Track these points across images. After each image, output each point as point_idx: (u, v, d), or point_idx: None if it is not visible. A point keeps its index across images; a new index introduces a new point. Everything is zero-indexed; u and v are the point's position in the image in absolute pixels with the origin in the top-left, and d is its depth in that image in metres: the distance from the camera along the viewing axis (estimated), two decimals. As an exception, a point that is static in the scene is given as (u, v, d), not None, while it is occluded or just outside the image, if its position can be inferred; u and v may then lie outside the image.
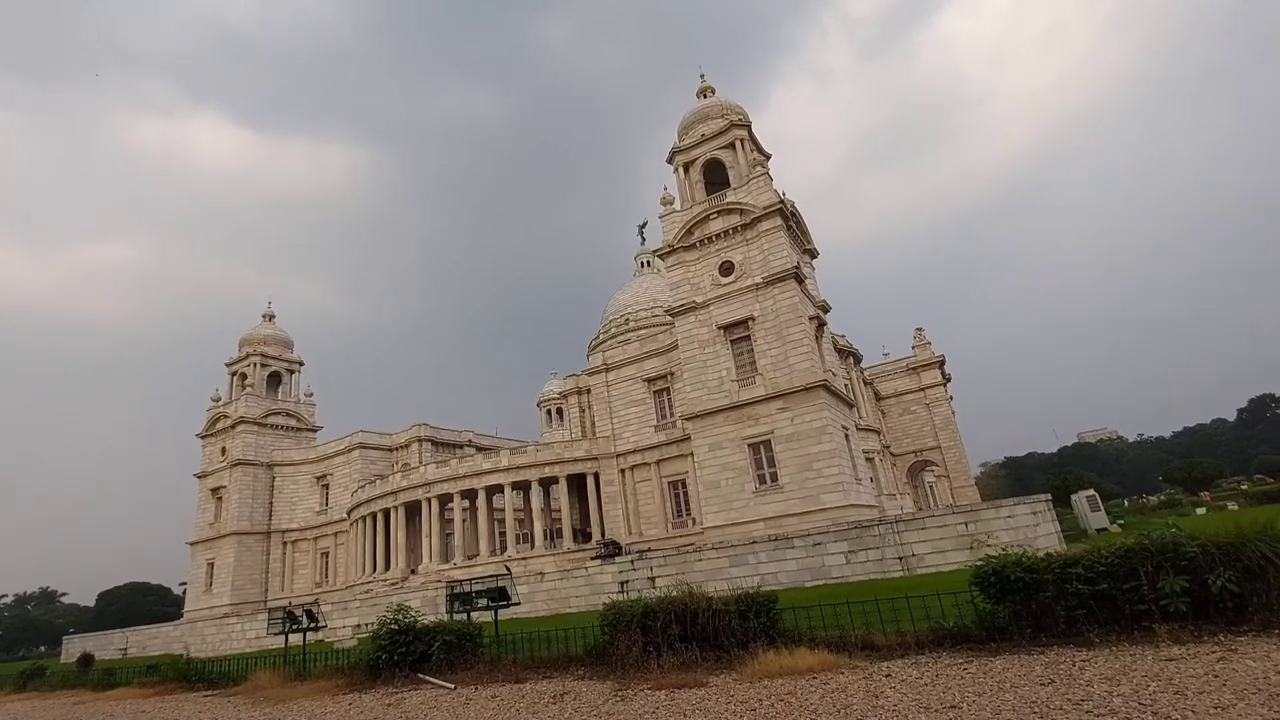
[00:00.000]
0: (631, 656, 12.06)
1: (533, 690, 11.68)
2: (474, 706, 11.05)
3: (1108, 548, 9.64)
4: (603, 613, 13.45)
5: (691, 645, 11.85)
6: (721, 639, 11.78)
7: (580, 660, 13.31)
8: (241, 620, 38.98)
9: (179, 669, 21.48)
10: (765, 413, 39.00)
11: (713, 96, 50.08)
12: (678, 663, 11.41)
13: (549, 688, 11.70)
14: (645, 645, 12.15)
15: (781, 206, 41.27)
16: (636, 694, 10.11)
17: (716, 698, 9.04)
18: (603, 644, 13.03)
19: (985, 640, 10.02)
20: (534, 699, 10.87)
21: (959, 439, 73.72)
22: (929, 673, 8.89)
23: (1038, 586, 9.75)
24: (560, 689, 11.41)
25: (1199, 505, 41.89)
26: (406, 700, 12.51)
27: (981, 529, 25.72)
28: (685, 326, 43.00)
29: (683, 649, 11.87)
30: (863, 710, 7.49)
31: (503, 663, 14.23)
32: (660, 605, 12.53)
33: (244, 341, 71.70)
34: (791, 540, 28.11)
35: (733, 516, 38.56)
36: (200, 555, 64.81)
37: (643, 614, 12.56)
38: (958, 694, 7.60)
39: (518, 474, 50.18)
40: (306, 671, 18.02)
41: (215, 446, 67.46)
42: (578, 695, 10.66)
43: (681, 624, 12.16)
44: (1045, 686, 7.46)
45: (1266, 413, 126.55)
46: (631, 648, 12.19)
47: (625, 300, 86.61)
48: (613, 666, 12.17)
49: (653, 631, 12.29)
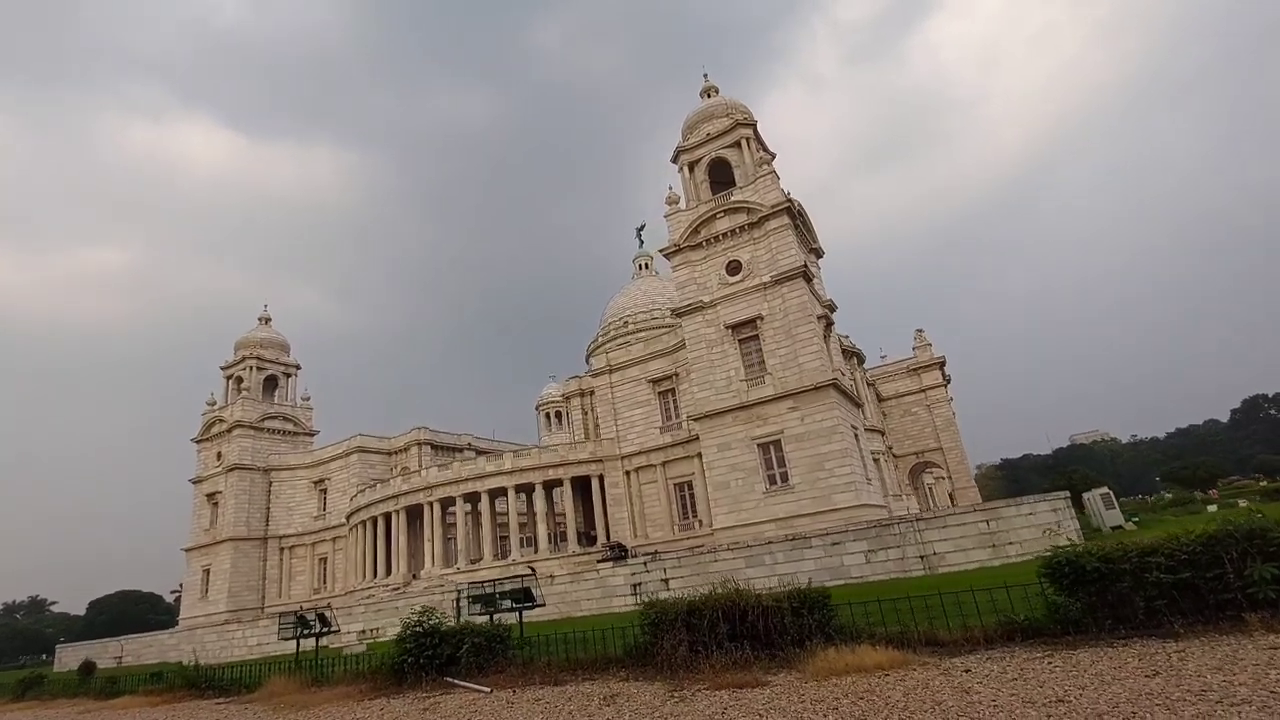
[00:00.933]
0: (678, 656, 11.58)
1: (577, 692, 11.16)
2: (518, 711, 10.53)
3: (1187, 535, 9.25)
4: (642, 612, 12.96)
5: (741, 644, 11.38)
6: (773, 637, 11.33)
7: (619, 661, 12.80)
8: (243, 626, 38.14)
9: (187, 676, 20.77)
10: (775, 412, 38.61)
11: (716, 96, 49.85)
12: (729, 662, 10.93)
13: (594, 689, 11.20)
14: (692, 644, 11.67)
15: (789, 205, 41.00)
16: (694, 694, 9.63)
17: (787, 697, 8.58)
18: (644, 644, 12.54)
19: (1059, 633, 9.63)
20: (582, 701, 10.36)
21: (960, 440, 73.58)
22: (1010, 667, 8.48)
23: (1114, 577, 9.36)
24: (607, 691, 10.91)
25: (1209, 503, 41.77)
26: (442, 705, 11.96)
27: (1003, 526, 25.42)
28: (692, 326, 42.61)
29: (732, 648, 11.40)
30: (958, 707, 7.06)
31: (536, 665, 13.70)
32: (706, 603, 12.06)
33: (240, 345, 70.71)
34: (809, 540, 27.70)
35: (743, 517, 38.11)
36: (196, 562, 63.67)
37: (687, 612, 12.09)
38: (1057, 688, 7.19)
39: (521, 476, 49.56)
40: (325, 677, 17.38)
41: (211, 451, 66.39)
42: (629, 697, 10.17)
43: (729, 622, 11.69)
44: (1152, 678, 7.06)
45: (1259, 413, 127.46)
46: (678, 647, 11.71)
47: (624, 303, 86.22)
48: (658, 667, 11.68)
49: (699, 630, 11.82)
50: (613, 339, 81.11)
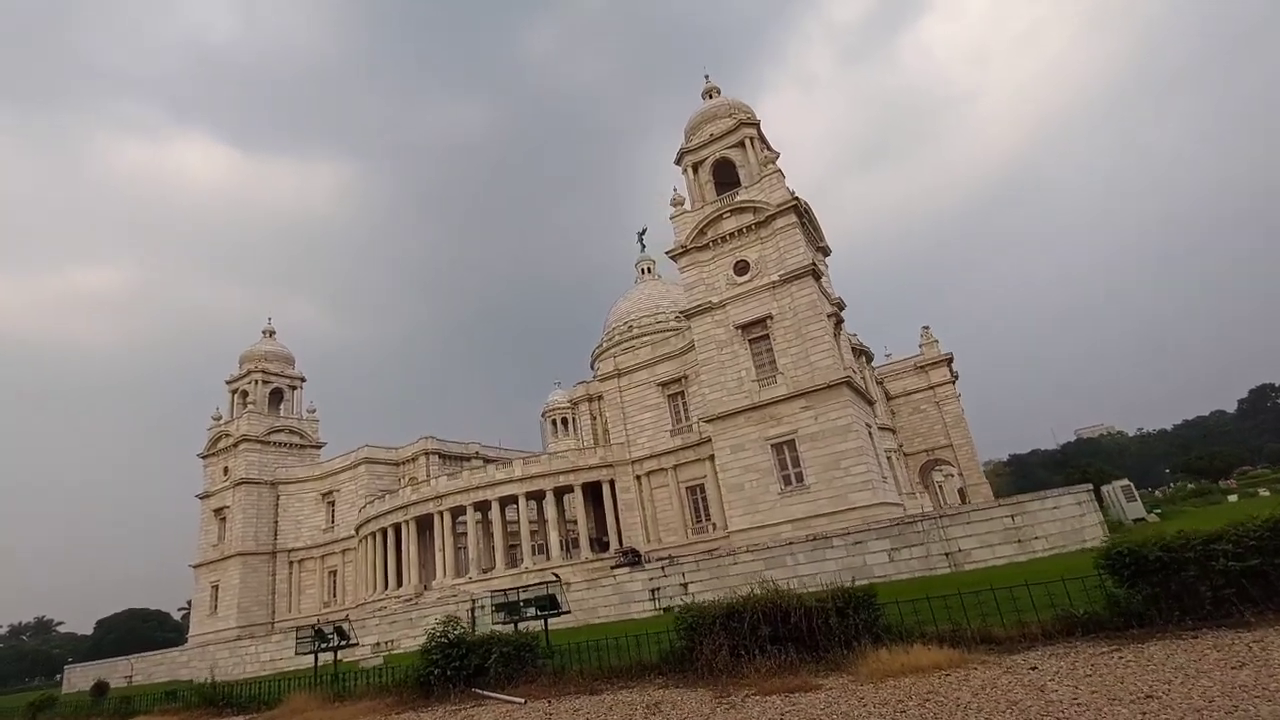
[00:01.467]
0: (719, 661, 11.20)
1: (617, 701, 10.77)
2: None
3: (1253, 521, 8.88)
4: (677, 616, 12.59)
5: (785, 647, 11.01)
6: (818, 639, 10.95)
7: (655, 668, 12.42)
8: (255, 642, 37.71)
9: (204, 693, 20.37)
10: (788, 412, 38.23)
11: (719, 97, 49.69)
12: (774, 666, 10.56)
13: (634, 698, 10.81)
14: (733, 648, 11.29)
15: (796, 203, 40.75)
16: (743, 700, 9.26)
17: (846, 701, 8.21)
18: (681, 649, 12.15)
19: (1121, 627, 9.26)
20: (625, 711, 9.98)
21: (970, 437, 73.06)
22: (1078, 664, 8.11)
23: (1178, 566, 8.99)
24: (648, 699, 10.53)
25: (1229, 493, 41.26)
26: (475, 718, 11.56)
27: (1029, 521, 25.00)
28: (702, 327, 42.29)
29: (775, 651, 11.03)
30: (1037, 707, 6.70)
31: (568, 674, 13.31)
32: (745, 605, 11.69)
33: (244, 358, 70.45)
34: (830, 540, 27.27)
35: (759, 519, 37.69)
36: (204, 578, 63.23)
37: (725, 615, 11.71)
38: (1138, 683, 6.83)
39: (531, 484, 49.18)
40: (346, 691, 16.98)
41: (217, 466, 66.04)
42: (674, 704, 9.79)
43: (771, 624, 11.32)
44: (1239, 670, 6.71)
45: (1267, 402, 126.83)
46: (718, 651, 11.33)
47: (628, 307, 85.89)
48: (698, 673, 11.30)
49: (738, 634, 11.44)
50: (617, 344, 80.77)
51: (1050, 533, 24.80)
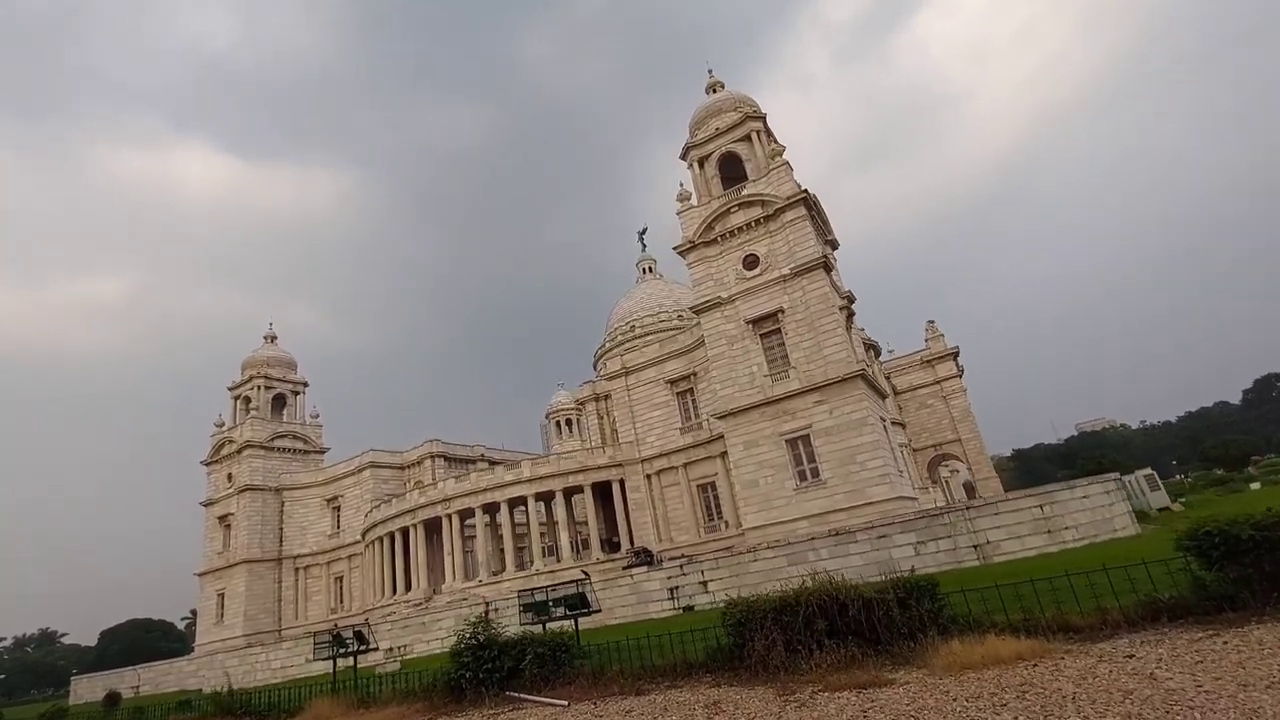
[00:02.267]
0: (774, 657, 10.65)
1: (669, 702, 10.22)
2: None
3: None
4: (724, 611, 12.04)
5: (844, 640, 10.46)
6: (879, 631, 10.41)
7: (700, 666, 11.87)
8: (266, 649, 37.06)
9: (220, 702, 19.77)
10: (801, 406, 37.69)
11: (723, 91, 49.24)
12: (834, 661, 10.02)
13: (687, 697, 10.26)
14: (787, 643, 10.74)
15: (805, 196, 40.27)
16: (813, 698, 8.72)
17: (932, 695, 7.68)
18: (729, 646, 11.60)
19: (1212, 611, 8.74)
20: (682, 712, 9.42)
21: (978, 430, 72.57)
22: (1179, 650, 7.61)
23: (1271, 545, 8.47)
24: (703, 698, 9.98)
25: (1251, 480, 40.83)
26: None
27: (1058, 511, 24.51)
28: (712, 323, 41.73)
29: (832, 645, 10.48)
30: (1158, 696, 6.19)
31: (607, 674, 12.74)
32: (798, 598, 11.16)
33: (246, 364, 69.78)
34: (854, 534, 26.74)
35: (774, 516, 37.12)
36: (210, 586, 62.49)
37: (777, 609, 11.17)
38: (1260, 668, 6.30)
39: (541, 485, 48.63)
40: (371, 697, 16.40)
41: (221, 473, 65.34)
42: (736, 704, 9.24)
43: (827, 617, 10.79)
44: (1375, 654, 6.18)
45: (1272, 392, 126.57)
46: (772, 647, 10.79)
47: (630, 307, 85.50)
48: (752, 670, 10.75)
49: (792, 628, 10.90)
50: (620, 344, 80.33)
51: (1080, 523, 24.32)
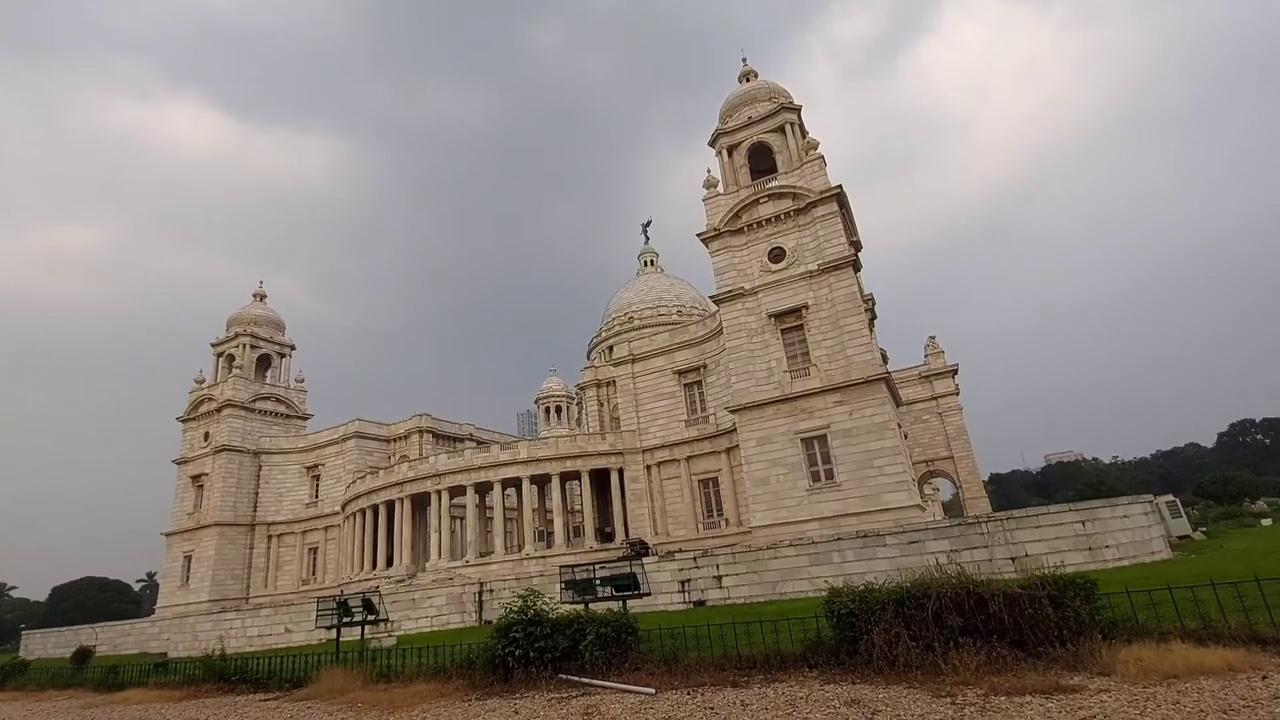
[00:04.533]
0: (900, 654, 9.43)
1: (787, 696, 8.94)
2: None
3: None
4: (829, 601, 10.81)
5: (987, 640, 9.28)
6: (1024, 632, 9.23)
7: (797, 658, 10.63)
8: (242, 615, 35.05)
9: (212, 666, 18.06)
10: (820, 406, 36.70)
11: (756, 80, 48.13)
12: (981, 662, 8.84)
13: (807, 693, 9.00)
14: (913, 640, 9.52)
15: (839, 192, 39.31)
16: (988, 702, 7.49)
17: (1154, 706, 6.47)
18: (837, 639, 10.36)
19: None
20: (821, 709, 8.12)
21: (971, 449, 72.42)
22: None
23: None
24: (831, 695, 8.73)
25: (1261, 516, 40.73)
26: (602, 709, 9.61)
27: (1099, 528, 23.77)
28: (732, 314, 40.60)
29: (969, 644, 9.29)
30: None
31: (682, 661, 11.43)
32: (924, 590, 9.96)
33: (232, 321, 67.09)
34: (883, 537, 25.77)
35: (784, 515, 36.09)
36: (177, 547, 59.84)
37: (898, 601, 9.95)
38: None
39: (537, 467, 47.12)
40: (392, 671, 14.89)
41: (198, 431, 62.66)
42: (884, 705, 7.98)
43: (961, 613, 9.58)
44: None
45: (1245, 436, 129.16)
46: (895, 643, 9.56)
47: (629, 298, 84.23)
48: (874, 667, 9.55)
49: (918, 623, 9.67)
50: (617, 334, 78.93)
51: (1121, 541, 23.62)
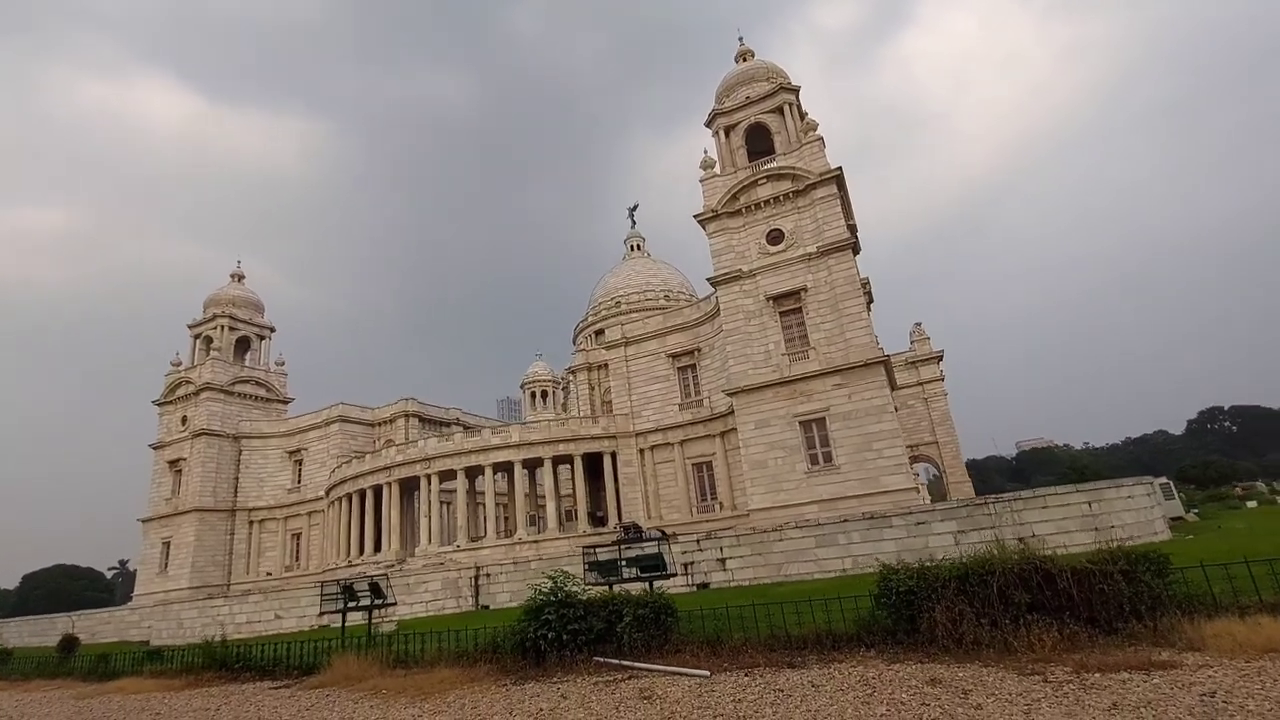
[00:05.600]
0: (966, 632, 9.12)
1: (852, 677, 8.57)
2: (814, 701, 7.81)
3: None
4: (885, 577, 10.48)
5: (1058, 617, 9.01)
6: (1096, 608, 8.97)
7: (851, 638, 10.30)
8: (229, 602, 34.09)
9: (213, 654, 17.31)
10: (819, 389, 36.58)
11: (753, 60, 47.55)
12: (1053, 640, 8.56)
13: (876, 673, 8.65)
14: (977, 617, 9.22)
15: (839, 174, 38.99)
16: (1079, 679, 7.19)
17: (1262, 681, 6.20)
18: (894, 617, 10.04)
19: None
20: (901, 689, 7.76)
21: (955, 435, 73.23)
22: None
23: None
24: (905, 675, 8.37)
25: (1248, 499, 41.65)
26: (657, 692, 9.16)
27: (1105, 509, 23.93)
28: (729, 296, 40.22)
29: (1038, 621, 9.02)
30: None
31: (727, 643, 11.05)
32: (987, 566, 9.65)
33: (210, 302, 65.05)
34: (889, 519, 25.73)
35: (782, 498, 36.01)
36: (154, 533, 58.21)
37: (960, 578, 9.64)
38: None
39: (529, 451, 46.51)
40: (411, 657, 14.32)
41: (175, 415, 60.82)
42: (967, 683, 7.63)
43: (1028, 589, 9.29)
44: None
45: (1212, 424, 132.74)
46: (959, 621, 9.26)
47: (616, 283, 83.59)
48: (939, 645, 9.23)
49: (983, 600, 9.38)
50: (604, 319, 78.31)
51: (1126, 522, 23.78)
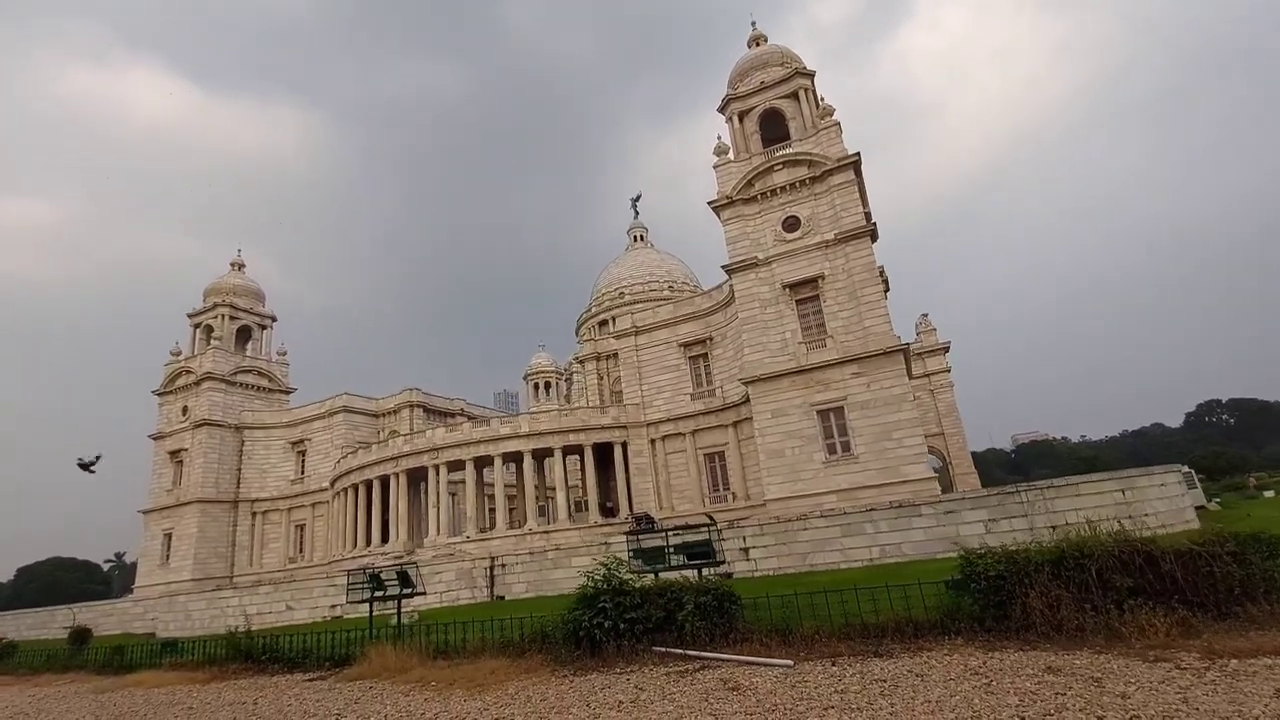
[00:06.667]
0: (1065, 618, 8.62)
1: (955, 665, 8.07)
2: (951, 693, 7.28)
3: None
4: (971, 562, 9.96)
5: (1161, 601, 8.52)
6: (1203, 592, 8.50)
7: (934, 625, 9.79)
8: (239, 593, 33.50)
9: (237, 644, 16.72)
10: (837, 378, 36.13)
11: (767, 44, 46.87)
12: (1171, 625, 8.05)
13: (981, 661, 8.15)
14: (1078, 603, 8.72)
15: (856, 160, 38.45)
16: (1223, 667, 6.72)
17: None
18: (981, 604, 9.54)
19: None
20: (1024, 677, 7.25)
21: (961, 426, 72.96)
22: None
23: None
24: (1016, 663, 7.86)
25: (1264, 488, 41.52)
26: (739, 684, 8.64)
27: (1138, 497, 23.59)
28: (745, 284, 39.68)
29: (1141, 606, 8.53)
30: None
31: (797, 631, 10.54)
32: (1084, 549, 9.16)
33: (210, 291, 64.08)
34: (918, 507, 25.30)
35: (799, 488, 35.61)
36: (155, 525, 57.44)
37: (1054, 561, 9.13)
38: None
39: (539, 441, 45.93)
40: (451, 647, 13.77)
41: (175, 405, 59.94)
42: (1088, 672, 7.14)
43: (1129, 573, 8.80)
44: None
45: (1210, 416, 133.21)
46: (1056, 606, 8.76)
47: (620, 273, 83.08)
48: (1036, 632, 8.76)
49: (1080, 584, 8.88)
50: (608, 309, 77.87)
51: (1160, 510, 23.43)
